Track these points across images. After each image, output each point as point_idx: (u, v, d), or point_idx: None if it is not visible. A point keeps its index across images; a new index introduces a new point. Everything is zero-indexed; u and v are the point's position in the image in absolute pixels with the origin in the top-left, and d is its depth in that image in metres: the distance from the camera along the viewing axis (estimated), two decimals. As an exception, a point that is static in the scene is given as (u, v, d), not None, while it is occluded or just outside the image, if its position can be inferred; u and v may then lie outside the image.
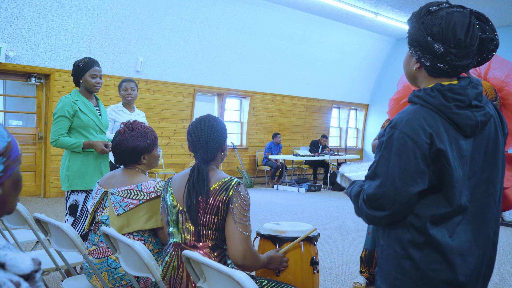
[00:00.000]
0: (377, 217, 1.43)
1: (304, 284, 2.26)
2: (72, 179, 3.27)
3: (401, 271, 1.45)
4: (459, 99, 1.40)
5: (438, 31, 1.39)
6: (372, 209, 1.43)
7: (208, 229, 1.94)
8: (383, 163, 1.41)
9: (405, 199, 1.38)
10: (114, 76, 8.59)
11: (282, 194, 9.82)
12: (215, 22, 9.76)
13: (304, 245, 2.30)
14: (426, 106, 1.42)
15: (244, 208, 1.94)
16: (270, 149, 11.29)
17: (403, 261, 1.44)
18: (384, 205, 1.40)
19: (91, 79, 3.33)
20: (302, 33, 11.34)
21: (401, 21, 11.37)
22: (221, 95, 10.95)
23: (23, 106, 8.51)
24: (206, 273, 1.68)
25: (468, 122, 1.40)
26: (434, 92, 1.41)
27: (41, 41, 7.76)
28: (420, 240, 1.42)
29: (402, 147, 1.38)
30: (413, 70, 1.52)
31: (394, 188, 1.38)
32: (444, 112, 1.40)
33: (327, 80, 12.81)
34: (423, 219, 1.41)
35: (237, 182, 1.98)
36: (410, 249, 1.43)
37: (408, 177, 1.37)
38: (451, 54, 1.39)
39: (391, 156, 1.40)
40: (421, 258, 1.42)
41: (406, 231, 1.44)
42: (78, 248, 2.12)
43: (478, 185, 1.46)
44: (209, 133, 2.01)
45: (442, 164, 1.38)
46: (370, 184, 1.44)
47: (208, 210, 1.92)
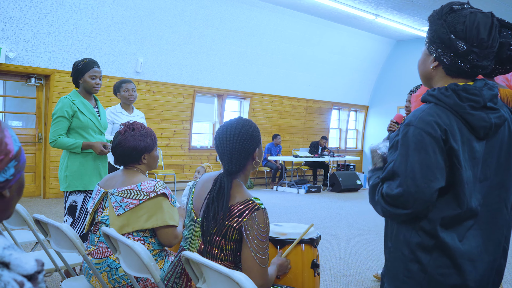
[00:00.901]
0: (398, 215, 1.40)
1: (304, 286, 2.25)
2: (71, 180, 3.27)
3: (409, 274, 1.43)
4: (474, 100, 1.38)
5: (462, 29, 1.38)
6: (393, 207, 1.39)
7: (214, 249, 1.82)
8: (401, 161, 1.38)
9: (427, 196, 1.35)
10: (114, 77, 8.59)
11: (281, 195, 9.82)
12: (215, 23, 9.77)
13: (305, 247, 2.29)
14: (440, 104, 1.40)
15: (261, 240, 1.74)
16: (269, 150, 11.29)
17: (411, 264, 1.42)
18: (406, 203, 1.36)
19: (90, 80, 3.33)
20: (302, 34, 11.34)
21: (401, 22, 11.37)
22: (221, 96, 10.95)
23: (22, 107, 8.51)
24: (205, 274, 1.68)
25: (482, 124, 1.38)
26: (449, 92, 1.40)
27: (41, 42, 7.76)
28: (429, 243, 1.40)
29: (420, 143, 1.36)
30: (430, 69, 1.49)
31: (415, 185, 1.34)
32: (458, 111, 1.38)
33: (327, 82, 12.82)
34: (433, 221, 1.39)
35: (256, 207, 1.76)
36: (418, 252, 1.41)
37: (429, 173, 1.34)
38: (473, 53, 1.38)
39: (409, 153, 1.37)
40: (430, 262, 1.40)
41: (415, 233, 1.42)
42: (78, 248, 2.11)
43: (490, 189, 1.43)
44: (235, 141, 1.82)
45: (453, 163, 1.36)
46: (389, 184, 1.40)
47: (217, 230, 1.79)
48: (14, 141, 0.91)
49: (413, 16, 10.76)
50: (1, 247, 0.80)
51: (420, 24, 11.47)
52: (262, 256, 1.76)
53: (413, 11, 10.34)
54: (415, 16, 10.80)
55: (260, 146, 1.93)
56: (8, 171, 0.89)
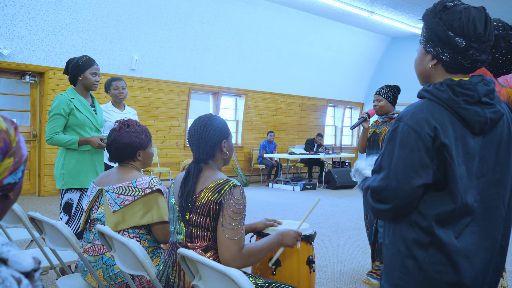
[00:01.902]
0: (381, 210, 1.43)
1: (300, 283, 2.26)
2: (67, 178, 3.26)
3: (405, 271, 1.43)
4: (468, 94, 1.39)
5: (459, 26, 1.39)
6: (376, 202, 1.43)
7: (200, 230, 1.91)
8: (387, 155, 1.42)
9: (407, 192, 1.37)
10: (109, 75, 8.55)
11: (277, 192, 9.83)
12: (211, 21, 9.75)
13: (300, 244, 2.29)
14: (435, 100, 1.41)
15: (235, 212, 1.87)
16: (264, 148, 11.30)
17: (407, 260, 1.43)
18: (387, 198, 1.40)
19: (91, 77, 3.33)
20: (297, 31, 11.34)
21: (396, 19, 11.39)
22: (216, 93, 10.94)
23: (17, 104, 8.47)
24: (201, 271, 1.68)
25: (476, 118, 1.38)
26: (443, 87, 1.41)
27: (35, 39, 7.73)
28: (425, 240, 1.40)
29: (406, 139, 1.38)
30: (428, 68, 1.49)
31: (396, 180, 1.38)
32: (452, 106, 1.39)
33: (322, 79, 12.83)
34: (429, 218, 1.39)
35: (232, 184, 1.91)
36: (414, 248, 1.42)
37: (411, 170, 1.37)
38: (472, 48, 1.39)
39: (395, 148, 1.40)
40: (425, 258, 1.40)
41: (412, 230, 1.42)
42: (73, 246, 2.11)
43: (488, 186, 1.43)
44: (201, 132, 1.98)
45: (445, 158, 1.37)
46: (375, 177, 1.44)
47: (199, 210, 1.90)
48: (25, 147, 0.94)
49: (408, 13, 10.78)
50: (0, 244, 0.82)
51: (415, 21, 11.49)
52: (232, 228, 1.86)
53: (408, 8, 10.36)
54: (410, 13, 10.82)
55: (228, 139, 2.06)
56: (18, 174, 0.92)
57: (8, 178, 0.90)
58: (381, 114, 3.87)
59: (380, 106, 3.83)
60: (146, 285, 2.28)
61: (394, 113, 3.84)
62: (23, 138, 0.93)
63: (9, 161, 0.89)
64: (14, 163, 0.90)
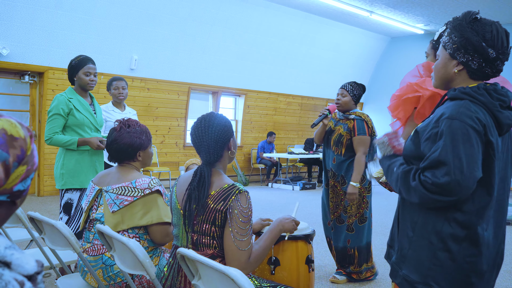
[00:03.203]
0: (439, 201, 1.47)
1: (299, 282, 2.26)
2: (67, 178, 3.26)
3: (437, 262, 1.53)
4: (503, 100, 1.53)
5: (491, 37, 1.51)
6: (436, 195, 1.46)
7: (206, 238, 1.87)
8: (448, 151, 1.45)
9: (471, 184, 1.45)
10: (109, 74, 8.56)
11: (276, 192, 9.83)
12: (210, 20, 9.75)
13: (299, 243, 2.30)
14: (475, 102, 1.51)
15: (244, 222, 1.83)
16: (263, 149, 11.29)
17: (440, 253, 1.52)
18: (452, 191, 1.44)
19: (85, 76, 3.31)
20: (296, 31, 11.34)
21: (395, 19, 11.39)
22: (215, 93, 10.94)
23: (16, 104, 8.47)
24: (201, 271, 1.68)
25: (507, 122, 1.52)
26: (481, 91, 1.52)
27: (34, 39, 7.72)
28: (461, 234, 1.50)
29: (465, 135, 1.45)
30: (452, 73, 1.60)
31: (462, 174, 1.43)
32: (490, 109, 1.50)
33: (321, 78, 12.83)
34: (469, 213, 1.49)
35: (239, 190, 1.86)
36: (449, 242, 1.51)
37: (473, 163, 1.45)
38: (499, 60, 1.53)
39: (455, 144, 1.45)
40: (459, 251, 1.50)
41: (448, 224, 1.51)
42: (73, 246, 2.11)
43: (499, 182, 1.56)
44: (209, 131, 1.91)
45: (489, 155, 1.49)
46: (433, 173, 1.47)
47: (205, 217, 1.85)
48: (37, 154, 0.95)
49: (407, 13, 10.78)
50: (3, 247, 0.82)
51: (414, 21, 11.49)
52: (242, 239, 1.83)
53: (407, 8, 10.36)
54: (410, 13, 10.82)
55: (233, 137, 2.02)
56: (27, 182, 0.93)
57: (19, 186, 0.91)
58: (342, 110, 3.81)
59: (343, 101, 3.77)
60: (146, 284, 2.29)
61: (351, 113, 3.78)
62: (35, 147, 0.95)
63: (22, 168, 0.90)
64: (26, 171, 0.91)
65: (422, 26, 11.91)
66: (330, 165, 3.80)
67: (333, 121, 3.86)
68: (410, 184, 1.53)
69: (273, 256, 2.24)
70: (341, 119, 3.82)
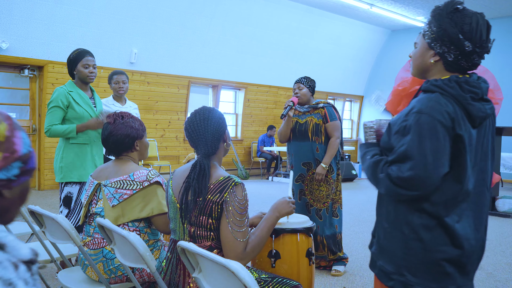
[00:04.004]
0: (403, 195, 1.49)
1: (300, 275, 2.27)
2: (66, 171, 3.26)
3: (409, 252, 1.53)
4: (474, 92, 1.50)
5: (469, 30, 1.48)
6: (400, 188, 1.48)
7: (203, 230, 1.88)
8: (413, 146, 1.46)
9: (435, 180, 1.45)
10: (108, 68, 8.54)
11: (277, 185, 9.84)
12: (210, 14, 9.71)
13: (300, 236, 2.30)
14: (445, 94, 1.49)
15: (240, 213, 1.85)
16: (263, 142, 11.29)
17: (412, 242, 1.53)
18: (415, 186, 1.46)
19: (84, 69, 3.31)
20: (297, 24, 11.30)
21: (396, 12, 11.35)
22: (216, 86, 10.92)
23: (16, 98, 8.46)
24: (201, 264, 1.69)
25: (479, 114, 1.49)
26: (452, 83, 1.50)
27: (34, 32, 7.70)
28: (431, 223, 1.51)
29: (432, 130, 1.45)
30: (428, 63, 1.58)
31: (426, 170, 1.44)
32: (461, 102, 1.48)
33: (321, 72, 12.80)
34: (437, 204, 1.49)
35: (234, 182, 1.87)
36: (420, 231, 1.51)
37: (439, 159, 1.44)
38: (476, 53, 1.50)
39: (422, 139, 1.45)
40: (431, 240, 1.51)
41: (418, 215, 1.51)
42: (73, 239, 2.12)
43: (478, 174, 1.55)
44: (206, 125, 1.93)
45: (459, 149, 1.47)
46: (399, 167, 1.48)
47: (202, 210, 1.86)
48: (24, 144, 0.92)
49: (407, 5, 10.74)
50: None
51: (414, 13, 11.45)
52: (239, 230, 1.84)
53: (407, 0, 10.32)
54: (410, 6, 10.78)
55: (227, 129, 2.05)
56: (12, 171, 0.89)
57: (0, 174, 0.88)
58: (302, 103, 3.93)
59: (301, 93, 3.91)
60: (147, 277, 2.29)
61: (317, 103, 3.93)
62: (22, 135, 0.91)
63: None
64: (3, 158, 0.88)
65: (423, 18, 11.86)
66: (312, 156, 3.85)
67: (297, 116, 3.94)
68: (378, 175, 1.55)
69: (274, 249, 2.24)
70: (307, 110, 3.93)
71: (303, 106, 3.94)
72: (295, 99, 3.89)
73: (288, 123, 3.90)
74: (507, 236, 5.44)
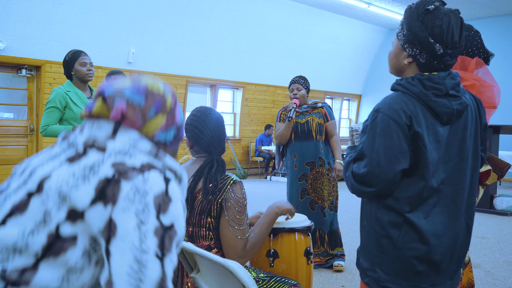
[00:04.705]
0: (364, 192, 1.54)
1: (298, 274, 2.27)
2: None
3: (381, 249, 1.55)
4: (437, 88, 1.50)
5: (439, 33, 1.47)
6: (360, 185, 1.53)
7: (202, 229, 1.88)
8: (368, 144, 1.51)
9: (390, 177, 1.48)
10: (106, 68, 8.53)
11: (275, 185, 9.84)
12: (207, 13, 9.70)
13: (298, 235, 2.30)
14: (407, 93, 1.52)
15: (239, 211, 1.86)
16: (261, 142, 11.29)
17: (382, 240, 1.55)
18: (370, 182, 1.50)
19: (81, 67, 3.32)
20: (294, 23, 11.30)
21: (393, 11, 11.36)
22: (213, 86, 10.91)
23: (14, 98, 8.43)
24: (199, 264, 1.68)
25: (444, 110, 1.50)
26: (415, 81, 1.52)
27: (31, 32, 7.68)
28: (399, 220, 1.52)
29: (386, 128, 1.48)
30: (403, 64, 1.59)
31: (379, 167, 1.47)
32: (423, 99, 1.50)
33: (319, 71, 12.80)
34: (401, 201, 1.51)
35: (233, 181, 1.89)
36: (389, 228, 1.53)
37: (392, 156, 1.47)
38: (448, 55, 1.50)
39: (375, 137, 1.49)
40: (399, 237, 1.52)
41: (386, 212, 1.54)
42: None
43: (454, 170, 1.55)
44: (220, 126, 1.98)
45: (418, 146, 1.48)
46: (358, 164, 1.54)
47: (201, 209, 1.86)
48: (181, 116, 1.16)
49: (404, 4, 10.74)
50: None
51: (412, 12, 11.45)
52: (239, 228, 1.85)
53: (405, -1, 10.33)
54: (407, 4, 10.75)
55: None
56: (169, 136, 1.11)
57: (159, 135, 1.09)
58: (300, 104, 3.98)
59: (301, 94, 3.96)
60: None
61: (315, 103, 4.01)
62: (180, 108, 1.17)
63: (161, 117, 1.09)
64: (166, 121, 1.10)
65: (420, 17, 11.86)
66: (316, 155, 3.90)
67: (295, 117, 3.97)
68: (346, 174, 1.61)
69: (272, 248, 2.24)
70: (306, 110, 3.98)
71: (301, 107, 3.98)
72: (296, 100, 3.93)
73: (289, 125, 3.91)
74: (505, 234, 5.45)
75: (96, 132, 1.05)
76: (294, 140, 3.95)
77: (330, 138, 3.97)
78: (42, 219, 0.94)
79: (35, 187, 0.97)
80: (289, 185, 4.00)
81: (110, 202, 0.92)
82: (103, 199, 0.92)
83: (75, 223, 0.93)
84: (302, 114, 3.97)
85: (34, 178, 0.99)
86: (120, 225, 0.91)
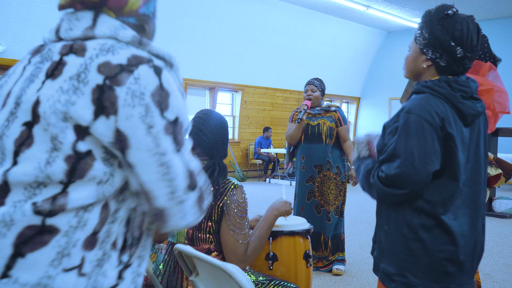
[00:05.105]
0: (394, 195, 1.52)
1: (297, 278, 2.27)
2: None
3: (410, 253, 1.55)
4: (464, 90, 1.53)
5: (460, 36, 1.51)
6: (389, 188, 1.51)
7: (202, 232, 1.87)
8: (401, 145, 1.49)
9: (423, 177, 1.47)
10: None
11: (274, 187, 9.83)
12: (206, 16, 9.72)
13: (297, 238, 2.30)
14: (435, 95, 1.53)
15: (240, 216, 1.86)
16: (260, 144, 11.29)
17: (412, 243, 1.54)
18: (403, 184, 1.48)
19: None
20: (293, 26, 11.32)
21: (392, 14, 11.38)
22: (212, 88, 10.92)
23: (12, 101, 8.43)
24: (198, 267, 1.68)
25: (471, 112, 1.53)
26: (442, 83, 1.53)
27: (30, 35, 7.68)
28: (430, 223, 1.52)
29: (419, 129, 1.48)
30: (421, 68, 1.61)
31: (413, 167, 1.46)
32: (451, 100, 1.52)
33: (318, 73, 12.79)
34: (434, 204, 1.51)
35: (234, 185, 1.89)
36: (420, 232, 1.53)
37: (426, 157, 1.47)
38: (467, 58, 1.53)
39: (409, 138, 1.49)
40: (431, 240, 1.52)
41: (416, 215, 1.53)
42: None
43: (472, 172, 1.57)
44: (224, 129, 1.98)
45: (450, 147, 1.50)
46: (388, 165, 1.51)
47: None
48: None
49: (403, 7, 10.77)
50: None
51: (410, 15, 11.48)
52: (240, 232, 1.85)
53: (403, 2, 10.35)
54: (406, 7, 10.81)
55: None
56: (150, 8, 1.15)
57: (143, 8, 1.10)
58: (313, 106, 3.95)
59: (315, 96, 3.96)
60: (144, 282, 2.28)
61: (329, 106, 4.00)
62: None
63: None
64: None
65: (418, 20, 11.83)
66: (324, 158, 3.87)
67: (307, 119, 3.95)
68: (370, 180, 1.58)
69: (271, 251, 2.24)
70: (318, 113, 3.95)
71: (314, 109, 3.95)
72: (308, 102, 3.90)
73: (300, 127, 3.89)
74: (504, 236, 5.45)
75: (75, 24, 1.07)
76: (304, 142, 3.94)
77: (343, 143, 3.94)
78: (52, 147, 0.90)
79: (30, 117, 0.92)
80: (297, 186, 4.00)
81: (111, 112, 0.89)
82: (103, 111, 0.89)
83: (84, 139, 0.90)
84: (314, 116, 3.94)
85: (24, 107, 0.93)
86: (130, 135, 0.89)
